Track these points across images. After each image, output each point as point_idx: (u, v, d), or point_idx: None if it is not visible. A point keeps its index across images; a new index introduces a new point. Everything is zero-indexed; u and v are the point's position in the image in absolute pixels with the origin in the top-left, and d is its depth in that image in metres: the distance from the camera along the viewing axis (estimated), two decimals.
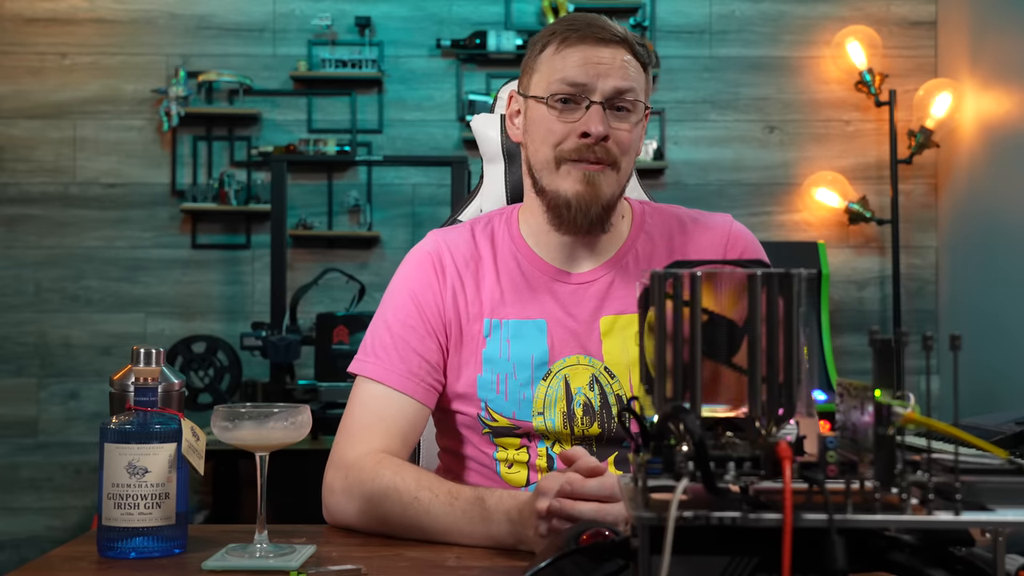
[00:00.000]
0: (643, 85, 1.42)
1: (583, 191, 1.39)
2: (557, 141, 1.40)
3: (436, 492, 1.27)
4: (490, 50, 4.04)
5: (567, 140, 1.39)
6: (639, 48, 1.42)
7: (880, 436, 0.79)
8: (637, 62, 1.41)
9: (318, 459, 1.44)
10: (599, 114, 1.37)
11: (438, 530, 1.26)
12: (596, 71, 1.38)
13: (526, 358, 1.43)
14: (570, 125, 1.39)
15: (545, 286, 1.47)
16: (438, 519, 1.26)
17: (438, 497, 1.27)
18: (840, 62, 4.06)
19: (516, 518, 1.19)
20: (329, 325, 3.57)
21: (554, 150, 1.40)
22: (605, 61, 1.38)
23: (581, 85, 1.38)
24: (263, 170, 4.10)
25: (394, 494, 1.29)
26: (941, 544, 0.85)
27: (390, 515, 1.29)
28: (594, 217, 1.41)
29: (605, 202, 1.41)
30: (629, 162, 1.43)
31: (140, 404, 1.20)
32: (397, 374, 1.43)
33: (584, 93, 1.38)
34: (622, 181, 1.43)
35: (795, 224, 4.14)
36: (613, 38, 1.40)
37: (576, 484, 1.12)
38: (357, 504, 1.33)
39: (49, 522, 4.06)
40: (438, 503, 1.26)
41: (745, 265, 0.86)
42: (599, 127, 1.37)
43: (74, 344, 4.08)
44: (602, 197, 1.40)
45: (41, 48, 4.12)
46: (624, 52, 1.40)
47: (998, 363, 3.50)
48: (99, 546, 1.20)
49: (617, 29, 1.41)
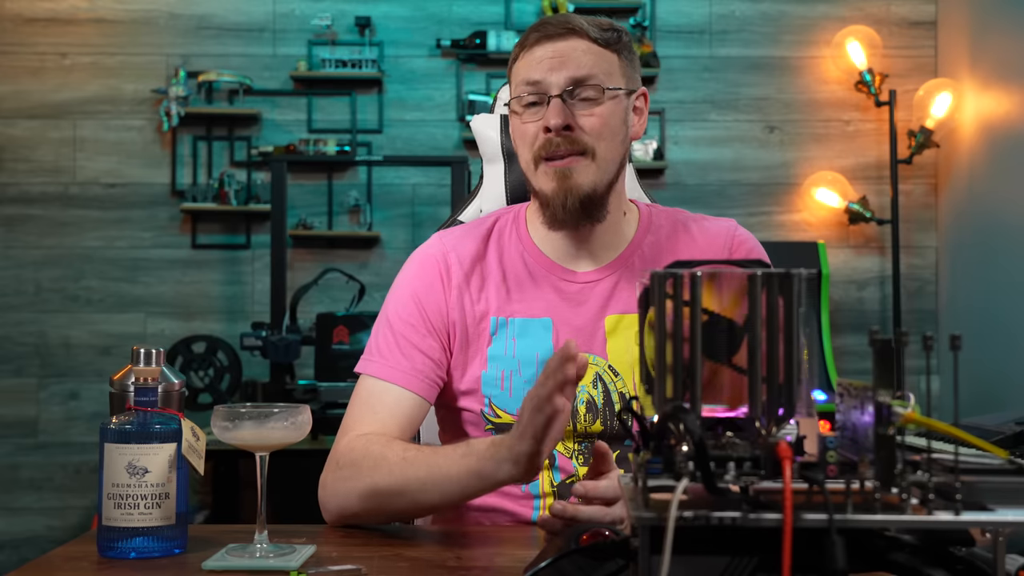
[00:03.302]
0: (609, 68, 1.42)
1: (557, 186, 1.41)
2: (530, 142, 1.42)
3: (422, 449, 1.32)
4: (490, 50, 4.05)
5: (537, 139, 1.41)
6: (601, 33, 1.41)
7: (880, 436, 0.79)
8: (597, 47, 1.41)
9: (318, 459, 1.44)
10: (556, 106, 1.39)
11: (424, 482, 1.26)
12: (550, 65, 1.40)
13: (531, 355, 1.44)
14: (536, 124, 1.41)
15: (551, 284, 1.48)
16: (422, 470, 1.27)
17: (422, 452, 1.30)
18: (840, 62, 4.06)
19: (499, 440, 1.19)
20: (329, 325, 3.57)
21: (530, 151, 1.43)
22: (559, 54, 1.40)
23: (537, 82, 1.40)
24: (263, 170, 4.10)
25: (382, 461, 1.31)
26: (941, 544, 0.85)
27: (380, 484, 1.30)
28: (573, 210, 1.41)
29: (585, 193, 1.41)
30: (608, 147, 1.42)
31: (140, 404, 1.20)
32: (399, 371, 1.43)
33: (542, 90, 1.40)
34: (604, 167, 1.42)
35: (795, 224, 4.14)
36: (566, 31, 1.40)
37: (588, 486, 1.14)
38: (348, 483, 1.33)
39: (49, 522, 4.06)
40: (422, 455, 1.29)
41: (745, 265, 0.86)
42: (556, 119, 1.38)
43: (74, 344, 4.08)
44: (578, 189, 1.40)
45: (41, 48, 4.12)
46: (580, 41, 1.40)
47: (998, 363, 3.50)
48: (99, 546, 1.20)
49: (573, 21, 1.42)
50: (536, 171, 1.43)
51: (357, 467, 1.33)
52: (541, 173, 1.42)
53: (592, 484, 1.15)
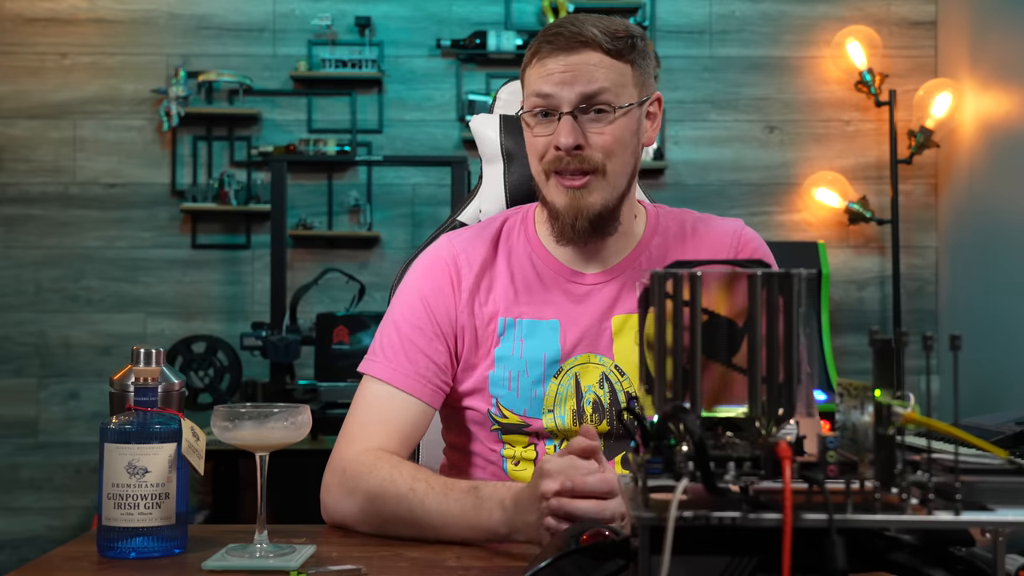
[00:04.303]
0: (621, 80, 1.39)
1: (568, 205, 1.40)
2: (540, 155, 1.42)
3: (431, 484, 1.28)
4: (490, 50, 4.04)
5: (548, 152, 1.40)
6: (614, 43, 1.38)
7: (880, 436, 0.79)
8: (610, 59, 1.38)
9: (318, 459, 1.44)
10: (567, 125, 1.37)
11: (432, 523, 1.26)
12: (561, 79, 1.37)
13: (538, 356, 1.44)
14: (547, 138, 1.40)
15: (559, 286, 1.47)
16: (432, 511, 1.26)
17: (433, 489, 1.27)
18: (840, 62, 4.06)
19: (510, 506, 1.20)
20: (329, 325, 3.57)
21: (540, 163, 1.42)
22: (570, 68, 1.37)
23: (548, 96, 1.38)
24: (263, 170, 4.10)
25: (390, 487, 1.29)
26: (941, 544, 0.85)
27: (385, 510, 1.30)
28: (582, 229, 1.41)
29: (596, 212, 1.41)
30: (619, 163, 1.40)
31: (140, 404, 1.20)
32: (403, 374, 1.43)
33: (553, 105, 1.39)
34: (615, 182, 1.41)
35: (795, 224, 4.14)
36: (579, 43, 1.38)
37: (577, 481, 1.13)
38: (353, 501, 1.33)
39: (49, 522, 4.06)
40: (432, 494, 1.27)
41: (745, 265, 0.86)
42: (567, 139, 1.37)
43: (74, 344, 4.08)
44: (590, 209, 1.40)
45: (41, 48, 4.12)
46: (593, 53, 1.38)
47: (998, 363, 3.50)
48: (99, 546, 1.20)
49: (585, 31, 1.38)
50: (548, 183, 1.42)
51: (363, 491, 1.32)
52: (553, 186, 1.41)
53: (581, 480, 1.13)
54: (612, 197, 1.42)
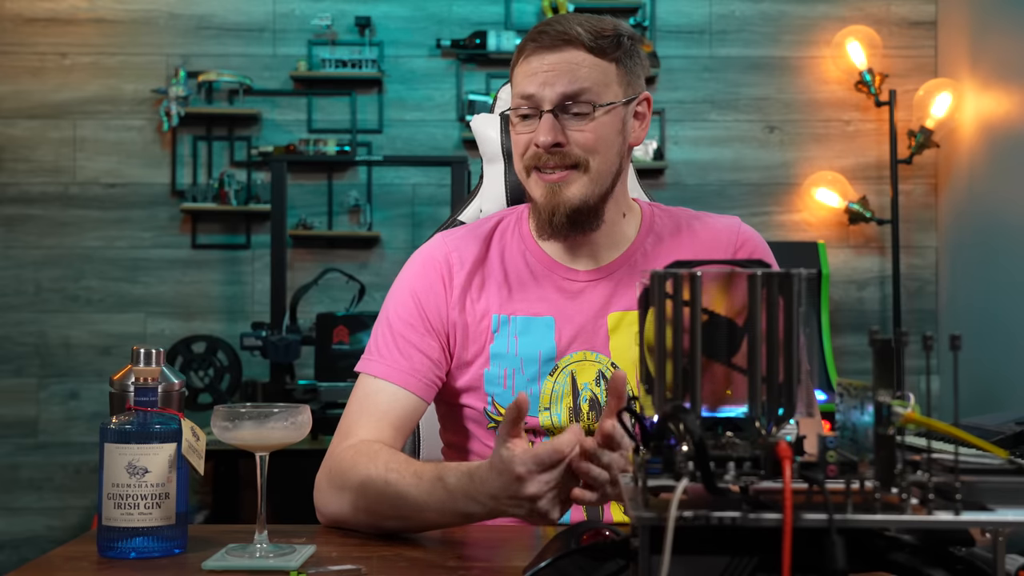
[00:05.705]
0: (605, 79, 1.40)
1: (547, 198, 1.42)
2: (522, 152, 1.43)
3: (402, 473, 1.27)
4: (490, 50, 4.04)
5: (529, 150, 1.42)
6: (598, 41, 1.39)
7: (880, 436, 0.79)
8: (594, 57, 1.39)
9: (318, 459, 1.44)
10: (547, 123, 1.38)
11: (415, 510, 1.25)
12: (543, 79, 1.39)
13: (534, 354, 1.44)
14: (529, 136, 1.42)
15: (552, 282, 1.48)
16: (410, 499, 1.25)
17: (404, 478, 1.26)
18: (840, 62, 4.06)
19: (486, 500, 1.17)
20: (329, 325, 3.57)
21: (522, 160, 1.44)
22: (553, 67, 1.39)
23: (530, 96, 1.40)
24: (263, 170, 4.10)
25: (368, 482, 1.29)
26: (941, 544, 0.85)
27: (370, 504, 1.30)
28: (560, 223, 1.42)
29: (574, 207, 1.41)
30: (602, 160, 1.41)
31: (140, 404, 1.20)
32: (397, 369, 1.43)
33: (535, 104, 1.40)
34: (597, 179, 1.42)
35: (795, 224, 4.14)
36: (562, 41, 1.39)
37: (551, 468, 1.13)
38: (342, 498, 1.34)
39: (49, 522, 4.06)
40: (405, 483, 1.25)
41: (745, 265, 0.86)
42: (546, 137, 1.38)
43: (74, 344, 4.08)
44: (568, 203, 1.41)
45: (41, 48, 4.12)
46: (576, 52, 1.39)
47: (998, 363, 3.50)
48: (99, 546, 1.20)
49: (570, 30, 1.39)
50: (528, 179, 1.45)
51: (349, 487, 1.32)
52: (533, 182, 1.44)
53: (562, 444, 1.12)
54: (592, 194, 1.42)
